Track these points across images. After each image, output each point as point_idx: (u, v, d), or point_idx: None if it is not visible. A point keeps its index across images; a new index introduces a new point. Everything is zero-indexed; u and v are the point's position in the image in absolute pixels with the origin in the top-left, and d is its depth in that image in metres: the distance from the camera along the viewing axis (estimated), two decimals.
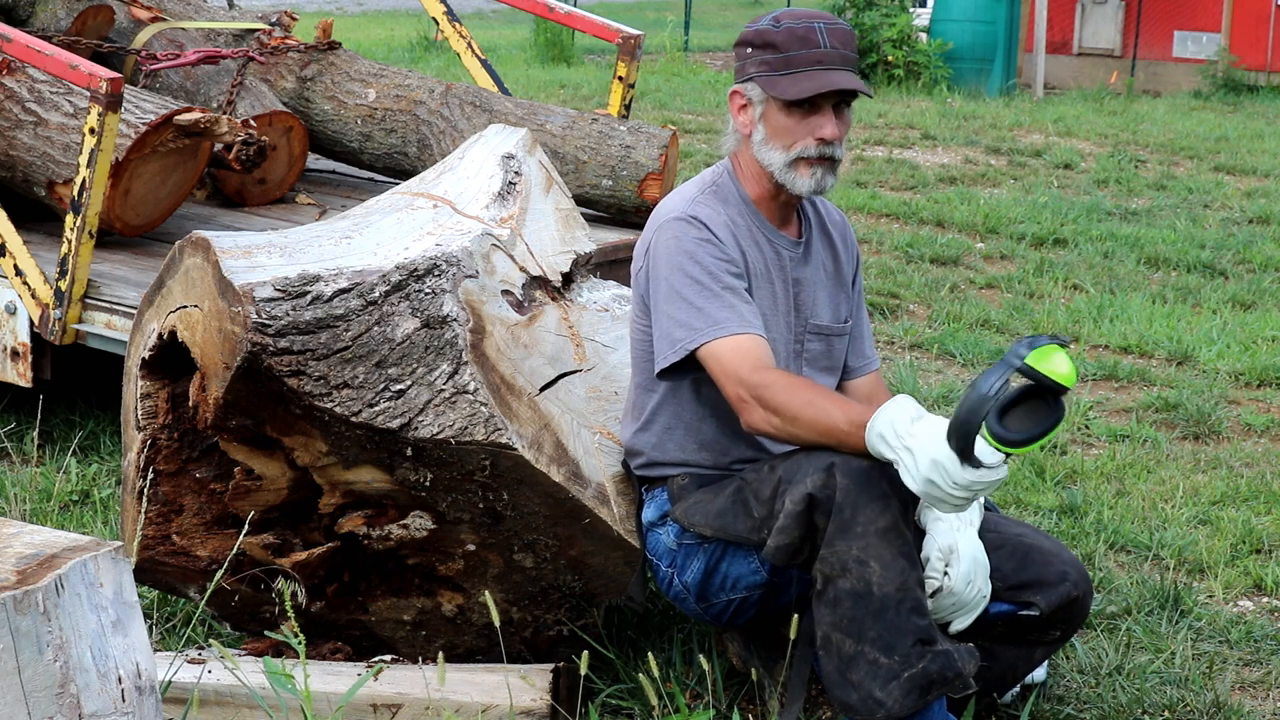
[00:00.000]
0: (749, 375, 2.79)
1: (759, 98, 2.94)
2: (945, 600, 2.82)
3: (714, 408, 2.96)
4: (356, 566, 3.16)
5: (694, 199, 2.99)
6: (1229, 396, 5.53)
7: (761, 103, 2.94)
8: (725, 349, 2.83)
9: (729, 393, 2.83)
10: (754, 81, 2.94)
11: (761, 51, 2.92)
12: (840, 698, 2.69)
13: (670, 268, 2.91)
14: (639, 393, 3.06)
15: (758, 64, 2.93)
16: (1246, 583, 3.93)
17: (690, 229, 2.92)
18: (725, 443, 2.99)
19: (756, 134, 2.96)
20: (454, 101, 5.52)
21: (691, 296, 2.87)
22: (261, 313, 2.81)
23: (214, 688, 2.90)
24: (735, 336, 2.83)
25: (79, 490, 4.27)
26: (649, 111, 11.40)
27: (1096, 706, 3.21)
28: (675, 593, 3.03)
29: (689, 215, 2.94)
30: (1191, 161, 10.53)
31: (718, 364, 2.84)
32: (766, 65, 2.91)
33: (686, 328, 2.87)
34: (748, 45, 2.96)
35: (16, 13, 5.52)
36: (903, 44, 13.83)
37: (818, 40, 2.90)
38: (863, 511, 2.65)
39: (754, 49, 2.94)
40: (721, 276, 2.89)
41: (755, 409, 2.78)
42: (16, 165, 4.87)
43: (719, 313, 2.85)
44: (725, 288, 2.88)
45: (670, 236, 2.93)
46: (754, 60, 2.94)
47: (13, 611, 1.95)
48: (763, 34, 2.93)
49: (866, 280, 7.02)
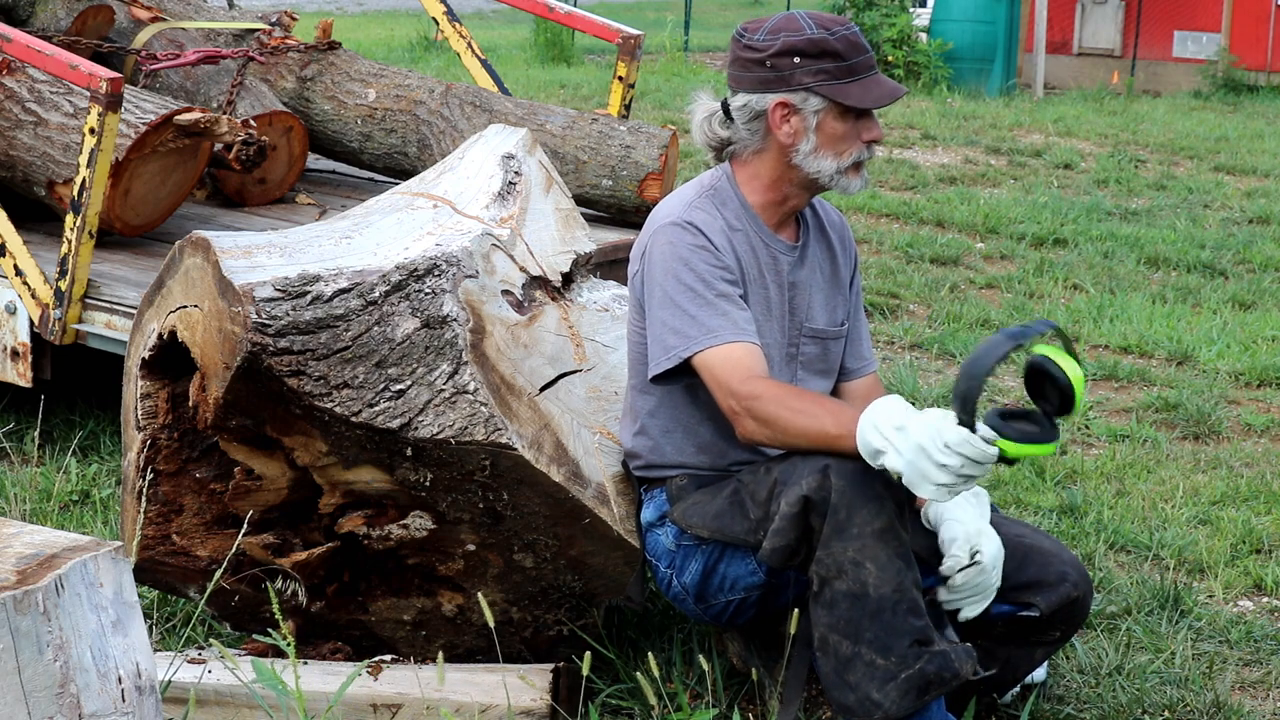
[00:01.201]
0: (739, 386, 2.79)
1: (815, 107, 2.88)
2: (975, 578, 2.79)
3: (711, 411, 2.95)
4: (356, 566, 3.16)
5: (690, 203, 2.98)
6: (1229, 396, 5.53)
7: (818, 112, 2.89)
8: (717, 359, 2.83)
9: (721, 404, 2.84)
10: (811, 91, 2.87)
11: (817, 60, 2.86)
12: (838, 699, 2.69)
13: (665, 273, 2.91)
14: (636, 396, 3.06)
15: (814, 73, 2.86)
16: (1246, 583, 3.93)
17: (685, 234, 2.92)
18: (723, 445, 2.99)
19: (805, 144, 2.91)
20: (454, 101, 5.52)
21: (685, 303, 2.87)
22: (261, 313, 2.81)
23: (214, 688, 2.90)
24: (727, 345, 2.83)
25: (79, 490, 4.27)
26: (649, 111, 11.40)
27: (1096, 706, 3.21)
28: (674, 593, 3.03)
29: (684, 221, 2.93)
30: (1191, 161, 10.53)
31: (709, 374, 2.85)
32: (826, 74, 2.86)
33: (680, 335, 2.87)
34: (794, 54, 2.87)
35: (16, 13, 5.52)
36: (903, 44, 13.83)
37: (865, 46, 2.92)
38: (858, 513, 2.65)
39: (806, 58, 2.87)
40: (715, 284, 2.88)
41: (747, 420, 2.79)
42: (16, 165, 4.87)
43: (712, 320, 2.85)
44: (719, 295, 2.88)
45: (665, 242, 2.93)
46: (807, 69, 2.87)
47: (13, 611, 1.94)
48: (816, 43, 2.87)
49: (866, 280, 7.02)
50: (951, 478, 2.55)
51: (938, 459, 2.55)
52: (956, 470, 2.55)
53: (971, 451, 2.54)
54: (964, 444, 2.53)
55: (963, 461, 2.54)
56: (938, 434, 2.55)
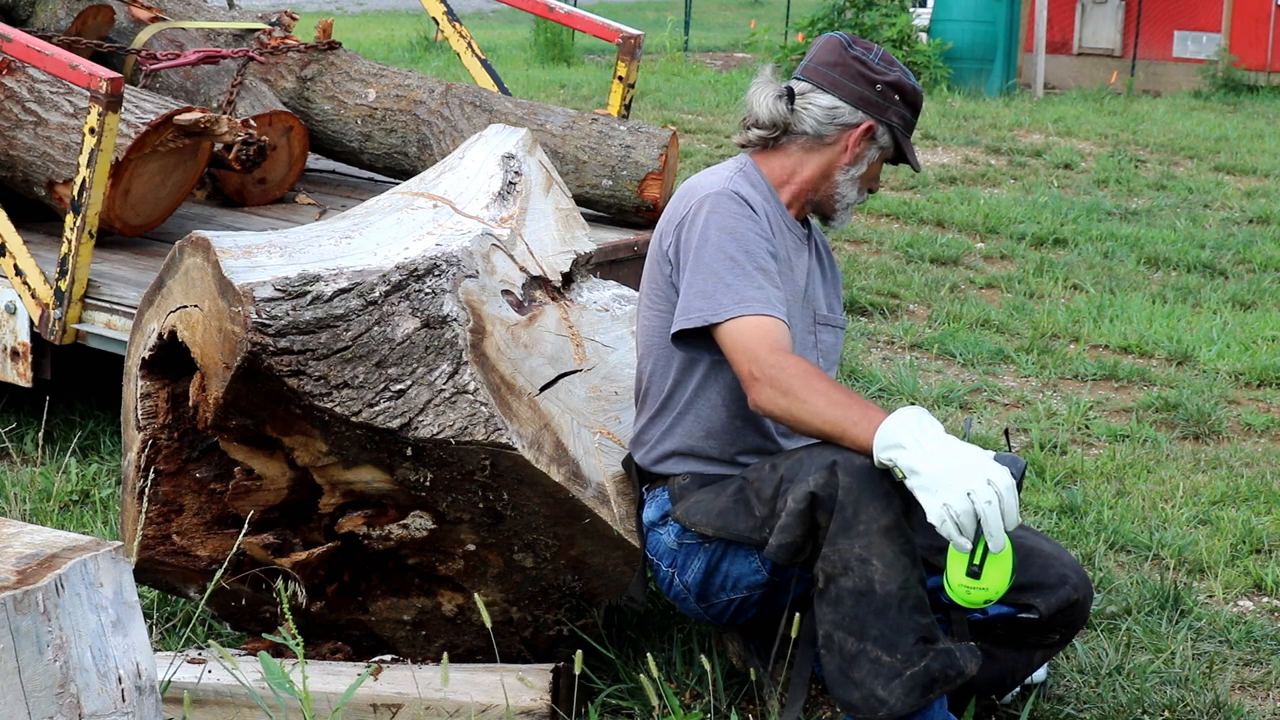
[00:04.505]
0: (765, 354, 2.76)
1: (885, 143, 3.04)
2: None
3: (724, 396, 2.95)
4: (356, 566, 3.16)
5: (730, 177, 2.98)
6: (1229, 396, 5.53)
7: (882, 149, 3.05)
8: (747, 326, 2.80)
9: (741, 369, 2.79)
10: (892, 130, 3.03)
11: (904, 107, 3.04)
12: (842, 696, 2.69)
13: (705, 240, 2.88)
14: (648, 380, 3.04)
15: (900, 116, 3.04)
16: (1246, 583, 3.93)
17: (733, 204, 2.91)
18: (733, 433, 2.97)
19: (857, 168, 3.05)
20: (454, 101, 5.52)
21: (723, 272, 2.85)
22: (261, 313, 2.81)
23: (214, 688, 2.90)
24: (758, 317, 2.81)
25: (79, 490, 4.27)
26: (649, 111, 11.40)
27: (1096, 706, 3.21)
28: (675, 593, 3.03)
29: (732, 191, 2.93)
30: (1191, 161, 10.53)
31: (734, 340, 2.80)
32: (904, 122, 3.05)
33: (710, 300, 2.83)
34: (899, 93, 3.02)
35: (16, 13, 5.52)
36: (903, 44, 13.82)
37: None
38: (865, 510, 2.64)
39: (902, 99, 3.03)
40: (758, 255, 2.87)
41: (764, 388, 2.74)
42: (16, 165, 4.87)
43: (747, 291, 2.83)
44: (758, 268, 2.86)
45: (712, 210, 2.90)
46: (898, 111, 3.03)
47: (13, 611, 1.94)
48: (915, 94, 3.05)
49: (866, 280, 7.03)
50: (965, 505, 2.52)
51: (971, 483, 2.52)
52: (977, 503, 2.51)
53: (1007, 504, 2.52)
54: (1010, 492, 2.52)
55: (990, 500, 2.51)
56: (986, 466, 2.53)
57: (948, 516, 2.51)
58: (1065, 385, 5.68)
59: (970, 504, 2.51)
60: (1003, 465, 2.55)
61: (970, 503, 2.51)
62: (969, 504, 2.51)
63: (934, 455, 2.55)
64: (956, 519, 2.51)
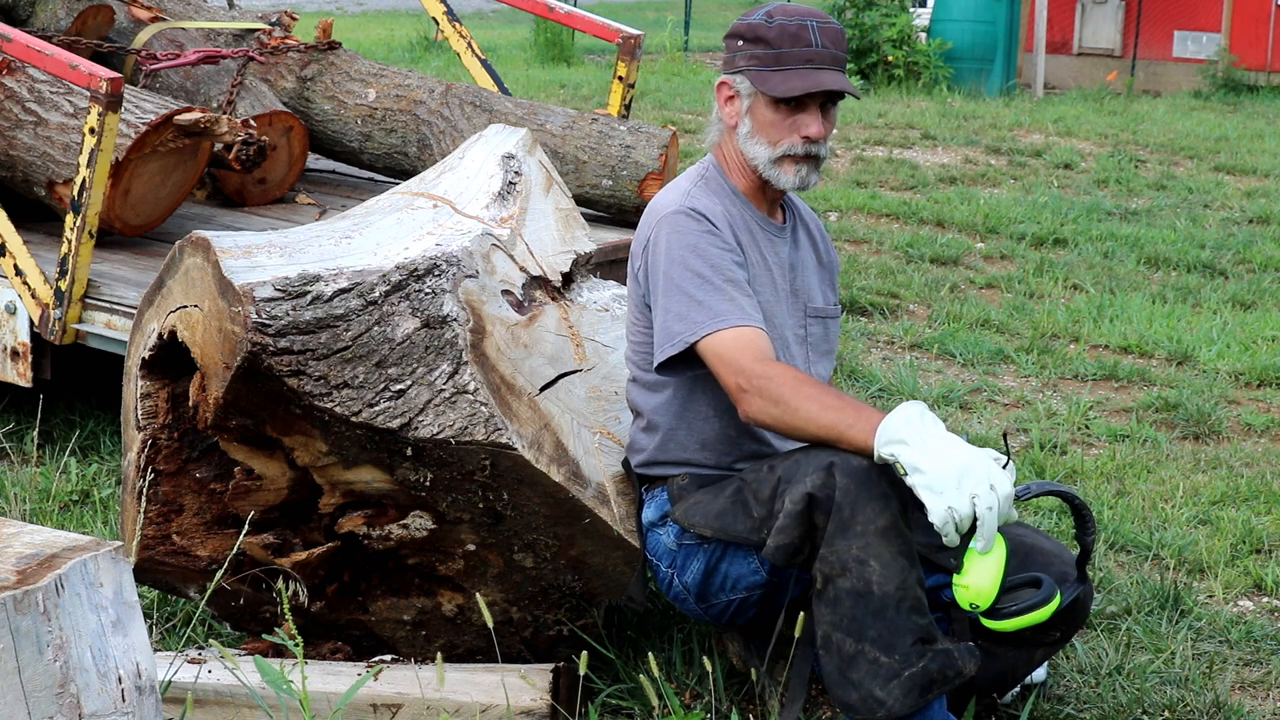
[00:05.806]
0: (750, 365, 2.77)
1: (747, 91, 2.96)
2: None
3: (715, 407, 2.95)
4: (356, 566, 3.16)
5: (688, 192, 2.99)
6: (1229, 396, 5.53)
7: (749, 96, 2.96)
8: (726, 340, 2.81)
9: (728, 383, 2.81)
10: (744, 75, 2.95)
11: (752, 45, 2.94)
12: (841, 697, 2.69)
13: (670, 261, 2.90)
14: (638, 392, 3.06)
15: (748, 58, 2.94)
16: (1246, 583, 3.93)
17: (690, 221, 2.92)
18: (727, 443, 2.98)
19: (742, 127, 2.99)
20: (454, 101, 5.52)
21: (692, 290, 2.86)
22: (261, 313, 2.81)
23: (214, 688, 2.90)
24: (736, 329, 2.82)
25: (79, 490, 4.27)
26: (649, 111, 11.40)
27: (1096, 706, 3.21)
28: (675, 593, 3.03)
29: (687, 208, 2.94)
30: (1191, 161, 10.53)
31: (716, 355, 2.82)
32: (757, 60, 2.93)
33: (686, 321, 2.85)
34: (738, 38, 2.97)
35: (16, 13, 5.52)
36: (903, 44, 13.82)
37: (809, 39, 2.91)
38: (862, 510, 2.64)
39: (745, 42, 2.95)
40: (724, 269, 2.88)
41: (754, 399, 2.76)
42: (16, 165, 4.87)
43: (719, 305, 2.84)
44: (727, 280, 2.87)
45: (671, 230, 2.93)
46: (744, 54, 2.95)
47: (13, 611, 1.94)
48: (754, 28, 2.94)
49: (866, 280, 7.03)
50: (968, 510, 2.52)
51: (974, 487, 2.52)
52: (979, 507, 2.52)
53: (1004, 510, 2.53)
54: (1009, 499, 2.53)
55: (991, 506, 2.52)
56: (989, 469, 2.53)
57: (951, 519, 2.52)
58: (1065, 385, 5.68)
59: (973, 508, 2.52)
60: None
61: (973, 507, 2.52)
62: (972, 509, 2.52)
63: (938, 454, 2.55)
64: (958, 521, 2.52)
